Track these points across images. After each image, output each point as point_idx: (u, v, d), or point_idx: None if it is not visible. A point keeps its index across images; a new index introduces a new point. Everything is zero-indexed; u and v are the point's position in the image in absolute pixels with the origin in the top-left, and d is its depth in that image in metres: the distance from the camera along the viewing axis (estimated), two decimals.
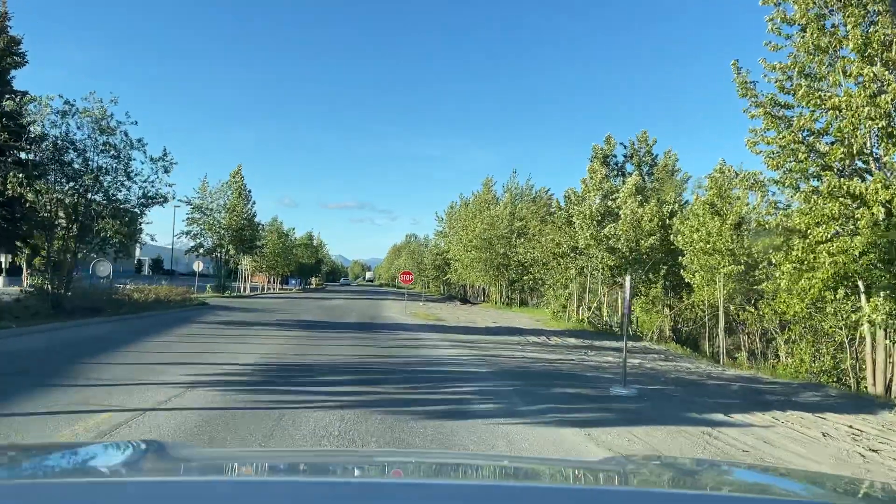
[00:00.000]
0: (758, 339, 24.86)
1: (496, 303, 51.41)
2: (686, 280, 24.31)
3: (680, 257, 23.79)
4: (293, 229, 66.57)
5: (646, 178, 34.42)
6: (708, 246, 21.59)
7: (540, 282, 36.59)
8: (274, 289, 66.00)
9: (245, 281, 57.40)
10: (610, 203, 28.60)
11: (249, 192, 50.41)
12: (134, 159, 19.23)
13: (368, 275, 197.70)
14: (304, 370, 11.30)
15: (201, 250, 49.92)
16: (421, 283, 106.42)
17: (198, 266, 46.12)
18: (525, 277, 35.79)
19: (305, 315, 27.72)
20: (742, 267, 21.25)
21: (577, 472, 2.22)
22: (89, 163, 18.87)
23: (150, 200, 19.33)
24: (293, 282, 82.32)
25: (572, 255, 30.55)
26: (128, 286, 26.81)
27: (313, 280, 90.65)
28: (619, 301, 32.25)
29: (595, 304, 31.02)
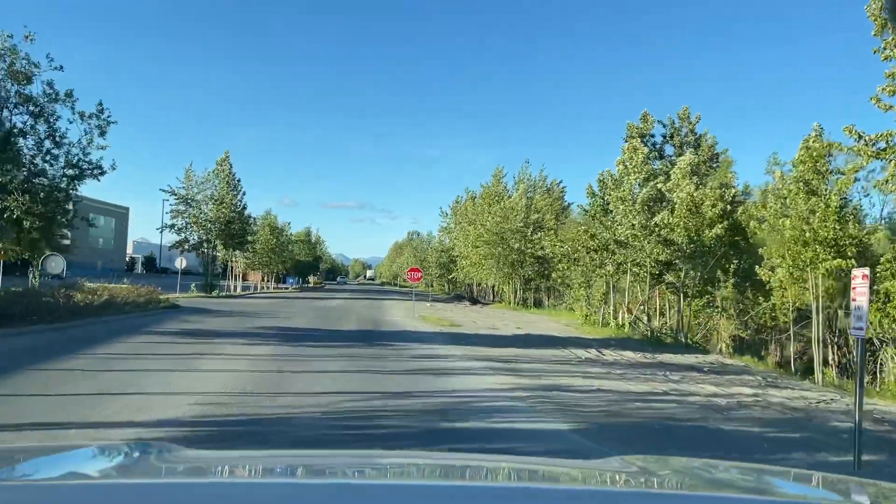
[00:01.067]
0: (850, 352, 19.94)
1: (510, 303, 46.44)
2: (762, 278, 19.36)
3: (759, 250, 18.86)
4: (288, 224, 61.54)
5: None
6: (807, 234, 16.65)
7: (563, 280, 31.54)
8: (268, 288, 61.06)
9: (236, 279, 52.46)
10: (660, 186, 23.68)
11: (238, 181, 45.43)
12: (59, 118, 14.28)
13: (369, 273, 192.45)
14: (259, 434, 6.37)
15: (186, 246, 45.01)
16: (424, 282, 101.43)
17: (180, 263, 41.18)
18: (553, 275, 30.65)
19: (295, 320, 22.77)
20: (852, 261, 16.31)
21: (582, 473, 2.17)
22: (3, 123, 13.96)
23: (80, 172, 14.38)
24: (291, 280, 77.45)
25: (610, 248, 25.61)
26: (84, 284, 21.93)
27: (312, 279, 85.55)
28: (659, 304, 27.37)
29: (638, 307, 26.08)
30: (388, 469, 2.14)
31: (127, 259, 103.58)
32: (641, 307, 25.99)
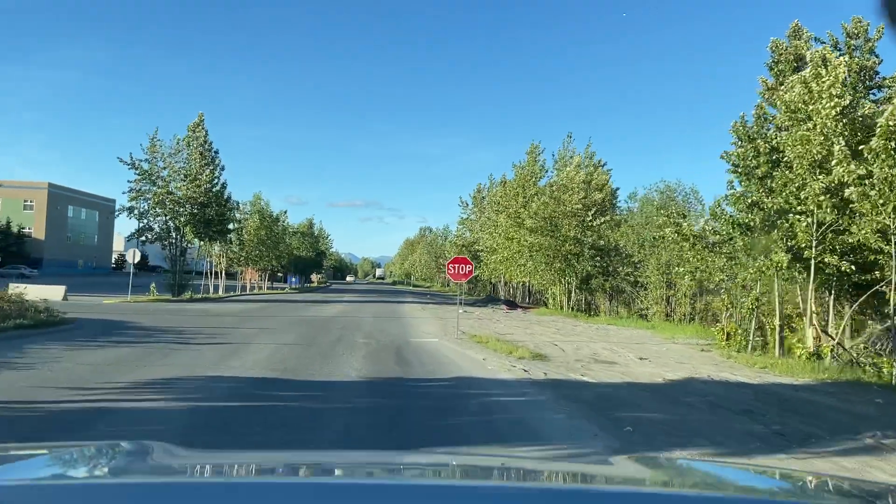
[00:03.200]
0: None
1: (560, 308, 35.70)
2: None
3: None
4: (285, 213, 50.88)
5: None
6: None
7: (694, 276, 20.56)
8: (261, 288, 50.68)
9: (218, 278, 42.02)
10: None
11: (216, 153, 35.02)
12: None
13: (379, 272, 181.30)
14: None
15: (150, 235, 34.70)
16: (440, 281, 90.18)
17: (132, 256, 30.72)
18: (680, 269, 19.39)
19: (250, 352, 12.23)
20: None
21: (579, 472, 2.14)
22: None
23: None
24: (292, 280, 67.18)
25: (785, 224, 14.98)
26: None
27: (315, 277, 74.84)
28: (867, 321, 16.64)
29: (843, 326, 15.31)
30: (389, 469, 2.07)
31: (116, 256, 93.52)
32: (851, 327, 15.27)
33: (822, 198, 14.21)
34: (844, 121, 14.75)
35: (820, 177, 14.29)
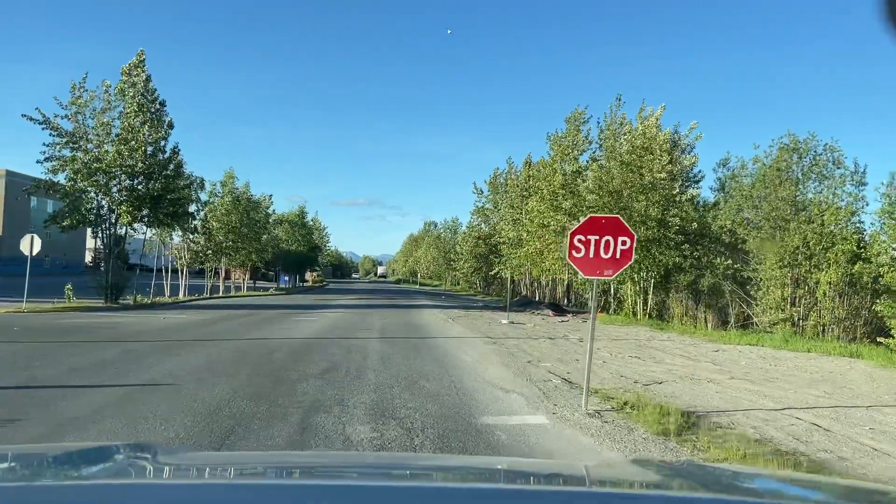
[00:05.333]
0: None
1: (631, 314, 26.16)
2: None
3: None
4: (269, 198, 41.10)
5: None
6: None
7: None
8: (242, 289, 41.06)
9: (181, 277, 32.48)
10: None
11: (162, 103, 25.42)
12: None
13: (381, 270, 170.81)
14: None
15: (73, 218, 25.15)
16: (451, 280, 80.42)
17: (28, 246, 21.11)
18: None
19: None
20: None
21: (577, 475, 2.03)
22: None
23: None
24: (285, 279, 57.66)
25: None
26: None
27: (310, 276, 65.15)
28: None
29: None
30: (388, 471, 2.01)
31: (93, 254, 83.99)
32: None
33: None
34: None
35: None
